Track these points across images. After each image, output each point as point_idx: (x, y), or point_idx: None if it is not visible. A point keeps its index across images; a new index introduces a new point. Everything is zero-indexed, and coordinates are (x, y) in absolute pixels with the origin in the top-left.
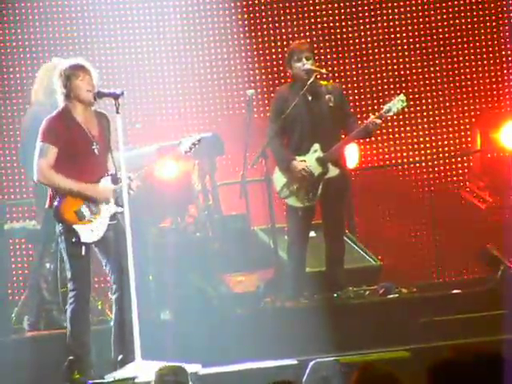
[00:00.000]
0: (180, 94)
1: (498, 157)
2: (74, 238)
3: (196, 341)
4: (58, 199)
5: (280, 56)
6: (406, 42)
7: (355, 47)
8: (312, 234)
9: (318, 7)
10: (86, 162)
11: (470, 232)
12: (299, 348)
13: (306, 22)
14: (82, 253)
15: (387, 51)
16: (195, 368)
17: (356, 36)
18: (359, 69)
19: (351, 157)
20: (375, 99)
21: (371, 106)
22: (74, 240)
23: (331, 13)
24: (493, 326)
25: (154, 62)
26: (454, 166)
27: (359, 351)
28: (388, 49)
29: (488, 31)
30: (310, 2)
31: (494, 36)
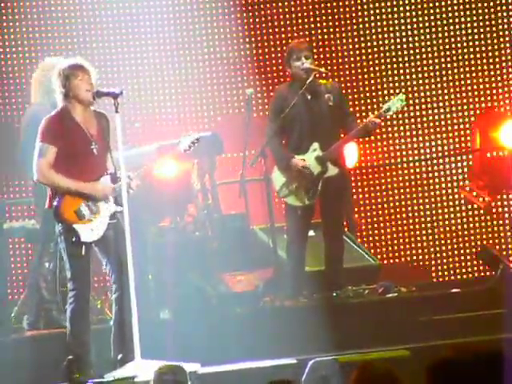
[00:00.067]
0: (179, 93)
1: (498, 156)
2: (74, 237)
3: (195, 340)
4: (57, 199)
5: (279, 55)
6: (405, 41)
7: (354, 46)
8: (311, 233)
9: (317, 6)
10: (85, 162)
11: (469, 231)
12: (298, 347)
13: (305, 20)
14: (82, 252)
15: (387, 50)
16: (194, 367)
17: (355, 35)
18: (358, 68)
19: (350, 156)
20: (374, 98)
21: (370, 105)
22: (74, 239)
23: (330, 12)
24: (492, 325)
25: (154, 61)
26: (454, 164)
27: (358, 350)
28: (388, 48)
29: (488, 30)
30: (309, 0)
31: (493, 35)
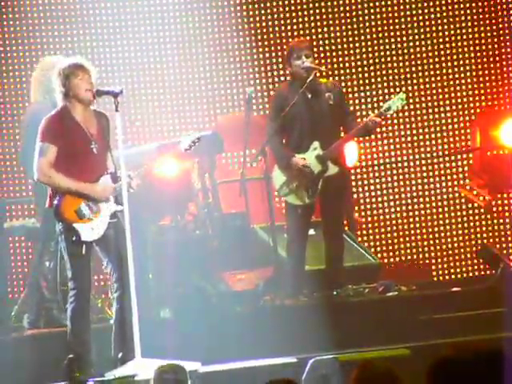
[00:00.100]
0: (179, 91)
1: (498, 155)
2: (75, 236)
3: (196, 339)
4: (57, 198)
5: (279, 54)
6: (405, 39)
7: (354, 45)
8: (311, 232)
9: (317, 4)
10: (85, 161)
11: (469, 230)
12: (299, 346)
13: (306, 19)
14: (83, 252)
15: (387, 49)
16: (195, 366)
17: (356, 34)
18: (359, 67)
19: (351, 155)
20: (375, 97)
21: (371, 103)
22: (75, 239)
23: (331, 10)
24: (492, 324)
25: (154, 60)
26: (454, 163)
27: (359, 349)
28: (388, 47)
29: (488, 29)
30: None
31: (493, 34)
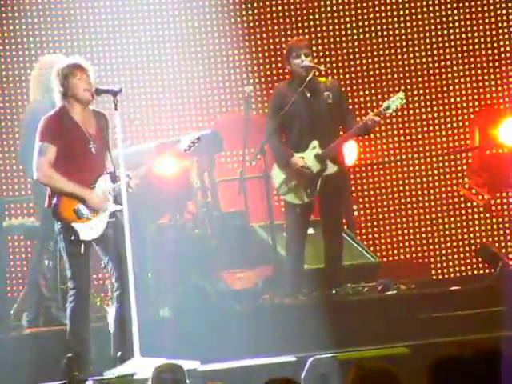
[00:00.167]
0: (178, 90)
1: (497, 153)
2: (73, 236)
3: (195, 338)
4: (56, 198)
5: (278, 53)
6: (404, 38)
7: (354, 44)
8: (310, 231)
9: (316, 3)
10: (84, 161)
11: (468, 229)
12: (298, 345)
13: (305, 18)
14: (81, 251)
15: (386, 48)
16: (194, 365)
17: (355, 33)
18: (358, 66)
19: (350, 153)
20: (374, 96)
21: (370, 103)
22: (73, 238)
23: (330, 9)
24: (491, 323)
25: (153, 58)
26: (453, 162)
27: (358, 348)
28: (387, 45)
29: (487, 28)
30: None
31: (492, 32)
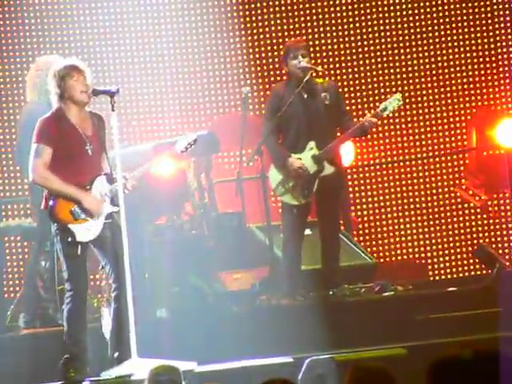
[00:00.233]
0: (175, 91)
1: (494, 155)
2: (70, 237)
3: (192, 338)
4: (52, 199)
5: (276, 53)
6: (401, 39)
7: (351, 45)
8: (308, 232)
9: (313, 4)
10: (80, 163)
11: (465, 230)
12: (295, 346)
13: (302, 19)
14: (78, 252)
15: (383, 49)
16: (191, 366)
17: (352, 34)
18: (355, 67)
19: (347, 154)
20: (371, 97)
21: (367, 104)
22: (70, 239)
23: (327, 10)
24: (488, 324)
25: (150, 59)
26: (450, 163)
27: (355, 349)
28: (384, 46)
29: (484, 29)
30: None
31: (489, 34)
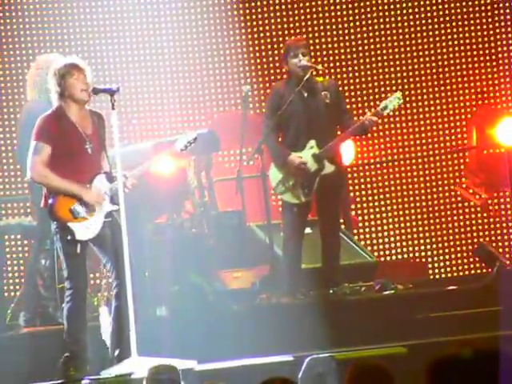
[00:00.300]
0: (176, 90)
1: (494, 153)
2: (69, 235)
3: (192, 337)
4: (52, 197)
5: (276, 52)
6: (402, 38)
7: (351, 43)
8: (308, 231)
9: (313, 3)
10: (80, 161)
11: (465, 228)
12: (295, 344)
13: (302, 17)
14: (78, 250)
15: (383, 47)
16: (191, 364)
17: (352, 32)
18: (355, 65)
19: (347, 153)
20: (371, 95)
21: (367, 102)
22: (69, 238)
23: (327, 9)
24: (488, 323)
25: (150, 57)
26: (450, 162)
27: (355, 347)
28: (384, 45)
29: (484, 27)
30: None
31: (489, 32)
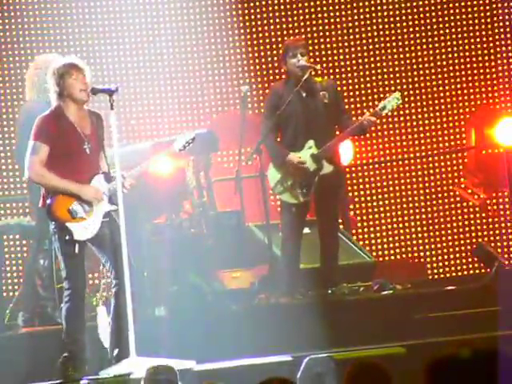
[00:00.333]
0: (174, 90)
1: (493, 153)
2: (67, 236)
3: (190, 337)
4: (50, 198)
5: (275, 52)
6: (400, 38)
7: (350, 44)
8: (306, 231)
9: (312, 3)
10: (78, 161)
11: (464, 228)
12: (294, 344)
13: (301, 18)
14: (76, 251)
15: (382, 48)
16: (189, 364)
17: (351, 32)
18: (354, 65)
19: (345, 153)
20: (370, 96)
21: (366, 102)
22: (68, 238)
23: (326, 9)
24: (487, 323)
25: (149, 58)
26: (449, 162)
27: (354, 347)
28: (383, 45)
29: (483, 28)
30: None
31: (488, 33)
